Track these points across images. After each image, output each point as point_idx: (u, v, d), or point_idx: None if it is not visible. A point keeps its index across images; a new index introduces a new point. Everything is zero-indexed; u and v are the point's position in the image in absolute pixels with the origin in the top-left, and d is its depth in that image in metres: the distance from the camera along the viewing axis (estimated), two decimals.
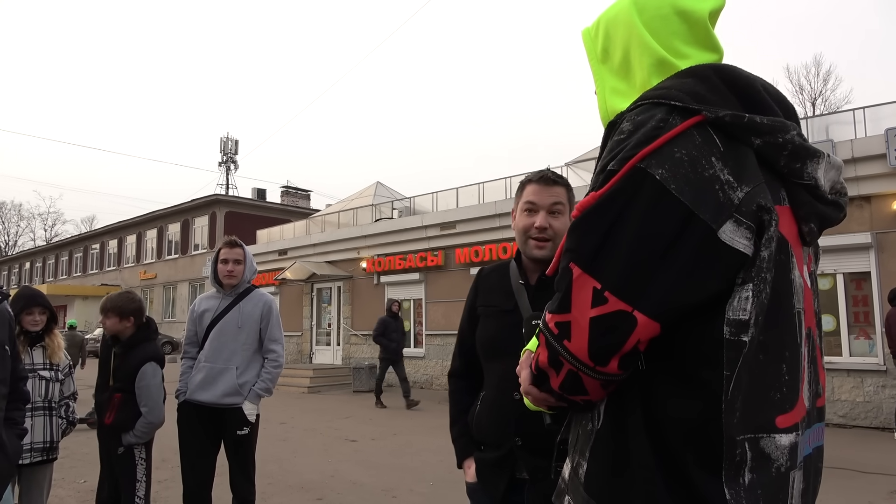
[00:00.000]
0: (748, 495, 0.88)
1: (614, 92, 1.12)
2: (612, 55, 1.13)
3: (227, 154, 41.01)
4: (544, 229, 1.88)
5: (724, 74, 0.98)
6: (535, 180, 1.95)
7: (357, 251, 16.74)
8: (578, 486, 1.01)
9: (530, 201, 1.92)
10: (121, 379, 3.43)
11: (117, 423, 3.41)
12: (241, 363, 3.60)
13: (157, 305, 29.40)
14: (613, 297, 0.89)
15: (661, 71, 1.04)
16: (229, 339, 3.61)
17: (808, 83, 31.19)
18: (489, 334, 1.99)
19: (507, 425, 1.85)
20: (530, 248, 1.91)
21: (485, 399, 1.99)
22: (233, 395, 3.54)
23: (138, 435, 3.41)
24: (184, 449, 3.60)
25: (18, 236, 56.58)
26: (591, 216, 0.94)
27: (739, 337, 0.89)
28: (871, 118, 9.89)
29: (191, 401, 3.57)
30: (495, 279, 2.06)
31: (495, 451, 1.90)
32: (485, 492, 1.94)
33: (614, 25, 1.12)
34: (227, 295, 3.72)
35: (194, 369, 3.63)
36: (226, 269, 3.66)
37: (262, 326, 3.69)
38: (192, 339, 3.75)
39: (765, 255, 0.90)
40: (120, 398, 3.41)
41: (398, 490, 5.61)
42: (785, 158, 0.95)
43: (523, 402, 1.80)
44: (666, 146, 0.91)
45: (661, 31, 1.06)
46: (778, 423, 0.92)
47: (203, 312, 3.71)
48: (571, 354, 0.93)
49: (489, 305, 2.03)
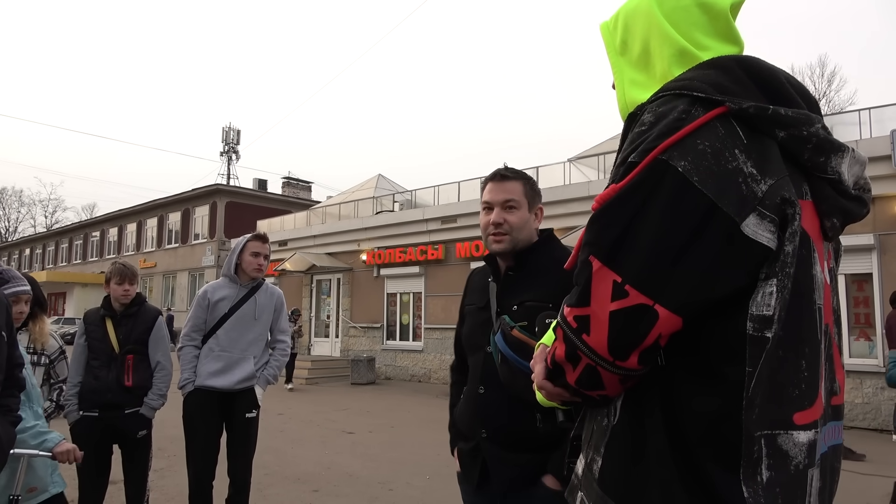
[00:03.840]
0: (766, 493, 0.86)
1: (633, 83, 1.10)
2: (631, 47, 1.12)
3: (229, 144, 40.90)
4: (499, 224, 1.95)
5: (747, 66, 0.96)
6: (490, 179, 2.03)
7: (357, 243, 16.72)
8: (592, 481, 1.00)
9: (486, 200, 2.01)
10: (134, 340, 3.53)
11: (137, 384, 3.48)
12: (258, 353, 3.72)
13: (156, 294, 29.39)
14: (634, 290, 0.88)
15: (683, 62, 1.03)
16: (246, 330, 3.68)
17: (812, 84, 31.11)
18: (467, 331, 2.12)
19: (475, 418, 1.96)
20: (490, 243, 1.99)
21: (464, 392, 2.11)
22: (248, 380, 3.65)
23: (160, 392, 3.56)
24: (192, 435, 3.60)
25: (19, 222, 56.52)
26: (611, 208, 0.92)
27: (763, 333, 0.87)
28: (877, 119, 9.86)
29: (203, 388, 3.56)
30: (478, 279, 2.17)
31: (469, 441, 2.01)
32: (466, 481, 2.05)
33: (633, 17, 1.11)
34: (244, 286, 3.75)
35: (206, 357, 3.60)
36: (256, 262, 3.73)
37: (273, 318, 3.83)
38: (200, 326, 3.69)
39: (789, 250, 0.89)
40: (133, 359, 3.50)
41: (395, 483, 5.61)
42: (809, 152, 0.93)
43: (487, 396, 1.90)
44: (688, 138, 0.89)
45: (682, 23, 1.05)
46: (796, 419, 0.90)
47: (219, 301, 3.68)
48: (590, 349, 0.91)
49: (470, 304, 2.14)
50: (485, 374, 1.91)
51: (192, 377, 3.60)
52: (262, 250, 3.75)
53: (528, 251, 1.98)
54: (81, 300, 32.26)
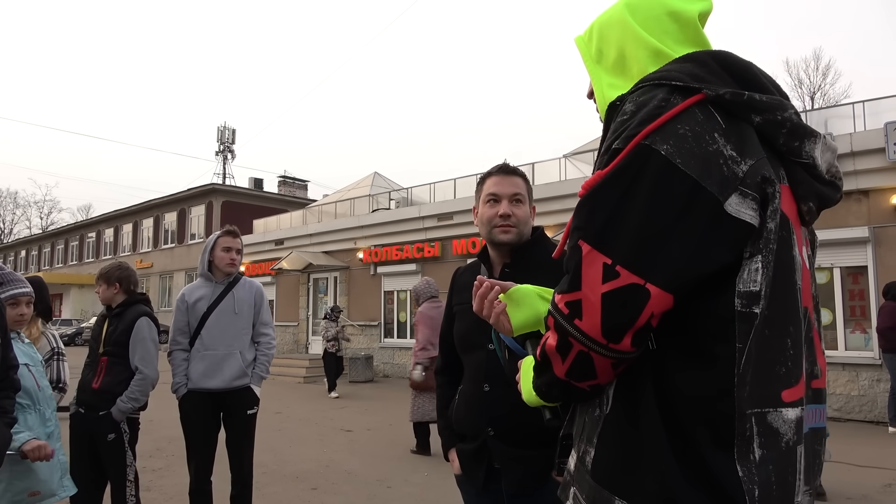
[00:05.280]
0: (759, 472, 0.88)
1: (611, 86, 1.13)
2: (607, 54, 1.15)
3: (225, 143, 40.75)
4: (508, 216, 1.95)
5: (722, 58, 1.01)
6: (496, 172, 2.02)
7: (354, 242, 16.71)
8: (585, 474, 1.00)
9: (492, 192, 1.99)
10: (112, 343, 3.42)
11: (105, 387, 3.34)
12: (243, 347, 3.70)
13: (153, 294, 29.30)
14: (625, 270, 0.89)
15: (658, 61, 1.06)
16: (228, 325, 3.67)
17: (807, 77, 31.21)
18: (462, 330, 2.08)
19: (480, 416, 1.93)
20: (496, 234, 1.96)
21: (461, 392, 2.08)
22: (241, 377, 3.64)
23: (133, 396, 3.34)
24: (191, 437, 3.62)
25: (14, 224, 56.29)
26: (598, 193, 0.95)
27: (751, 308, 0.90)
28: (871, 112, 9.87)
29: (197, 390, 3.57)
30: (467, 277, 2.15)
31: (472, 442, 1.98)
32: (469, 482, 2.02)
33: (608, 27, 1.15)
34: (219, 283, 3.75)
35: (193, 358, 3.62)
36: (228, 258, 3.72)
37: (255, 312, 3.80)
38: (183, 329, 3.70)
39: (771, 227, 0.92)
40: (107, 361, 3.39)
41: (393, 480, 5.61)
42: (784, 136, 0.97)
43: (493, 394, 1.89)
44: (669, 123, 0.92)
45: (654, 31, 1.09)
46: (784, 397, 0.92)
47: (196, 301, 3.69)
48: (583, 333, 0.92)
49: (461, 303, 2.11)
50: (489, 371, 1.89)
51: (183, 381, 3.62)
52: (233, 244, 3.74)
53: (523, 248, 1.99)
54: (78, 301, 32.17)
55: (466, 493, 2.07)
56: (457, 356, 2.13)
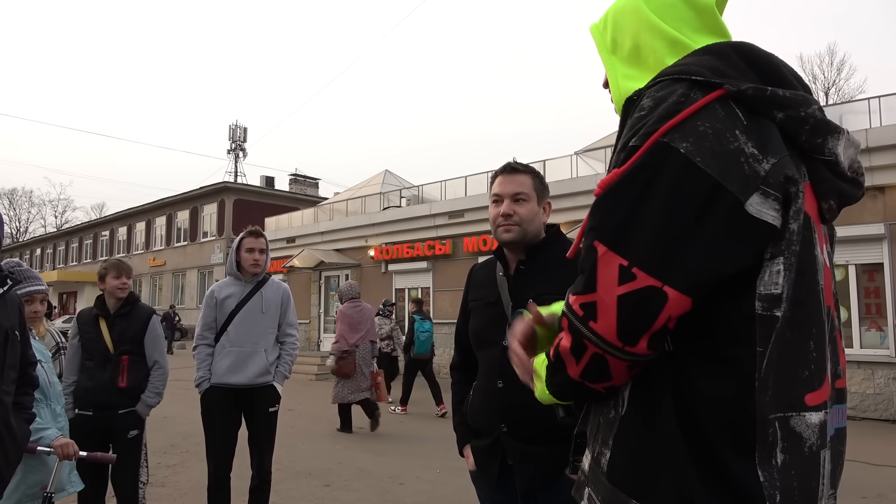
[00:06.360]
0: (781, 477, 0.86)
1: (627, 77, 1.10)
2: (622, 44, 1.12)
3: (236, 142, 40.95)
4: (509, 216, 1.97)
5: (743, 50, 0.97)
6: (500, 172, 2.05)
7: (365, 239, 16.75)
8: (600, 475, 0.98)
9: (496, 192, 2.03)
10: (128, 341, 3.49)
11: (132, 385, 3.44)
12: (267, 345, 3.77)
13: (165, 292, 29.58)
14: (642, 272, 0.87)
15: (675, 51, 1.03)
16: (255, 324, 3.75)
17: (821, 73, 30.83)
18: (477, 326, 2.11)
19: (493, 412, 1.95)
20: (500, 234, 2.00)
21: (476, 388, 2.10)
22: (265, 374, 3.71)
23: (157, 390, 3.53)
24: (211, 432, 3.67)
25: (29, 223, 56.86)
26: (614, 192, 0.92)
27: (772, 312, 0.88)
28: (886, 108, 9.76)
29: (220, 385, 3.64)
30: (483, 274, 2.18)
31: (486, 438, 1.99)
32: (483, 478, 2.03)
33: (622, 16, 1.12)
34: (248, 282, 3.83)
35: (218, 354, 3.69)
36: (252, 258, 3.79)
37: (281, 312, 3.89)
38: (211, 325, 3.78)
39: (793, 228, 0.89)
40: (128, 360, 3.46)
41: (405, 477, 5.63)
42: (807, 133, 0.93)
43: (507, 390, 1.89)
44: (689, 120, 0.89)
45: (670, 19, 1.06)
46: (807, 400, 0.90)
47: (226, 298, 3.77)
48: (598, 336, 0.90)
49: (477, 299, 2.14)
50: (502, 368, 1.87)
51: (206, 375, 3.68)
52: (255, 245, 3.81)
53: (538, 245, 2.00)
54: (92, 299, 32.09)
55: (481, 490, 2.07)
56: (472, 352, 2.14)
